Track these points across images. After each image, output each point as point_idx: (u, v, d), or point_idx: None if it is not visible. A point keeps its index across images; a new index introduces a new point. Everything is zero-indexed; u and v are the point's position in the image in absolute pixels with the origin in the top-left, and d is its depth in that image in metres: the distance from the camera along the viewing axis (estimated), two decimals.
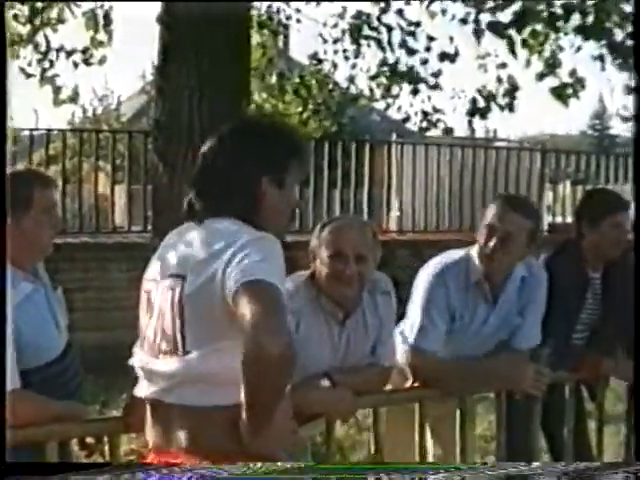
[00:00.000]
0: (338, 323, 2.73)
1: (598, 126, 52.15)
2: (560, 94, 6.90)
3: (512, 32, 6.63)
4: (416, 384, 3.01)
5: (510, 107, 7.29)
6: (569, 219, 10.10)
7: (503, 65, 7.18)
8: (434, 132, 8.68)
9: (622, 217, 3.48)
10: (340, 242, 2.64)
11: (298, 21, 8.13)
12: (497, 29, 6.56)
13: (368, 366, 2.80)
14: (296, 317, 2.60)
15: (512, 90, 7.23)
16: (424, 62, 7.47)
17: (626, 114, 7.42)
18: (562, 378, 3.36)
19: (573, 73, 6.92)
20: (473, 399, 3.27)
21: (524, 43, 6.73)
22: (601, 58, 6.53)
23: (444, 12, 7.17)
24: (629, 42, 6.47)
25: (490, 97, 7.26)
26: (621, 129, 49.29)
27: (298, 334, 2.58)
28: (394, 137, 10.54)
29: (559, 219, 10.91)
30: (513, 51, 6.66)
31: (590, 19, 6.37)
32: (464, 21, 6.98)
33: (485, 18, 6.74)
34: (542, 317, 3.18)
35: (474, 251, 3.07)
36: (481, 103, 7.29)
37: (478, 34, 6.77)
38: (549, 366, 3.17)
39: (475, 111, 7.33)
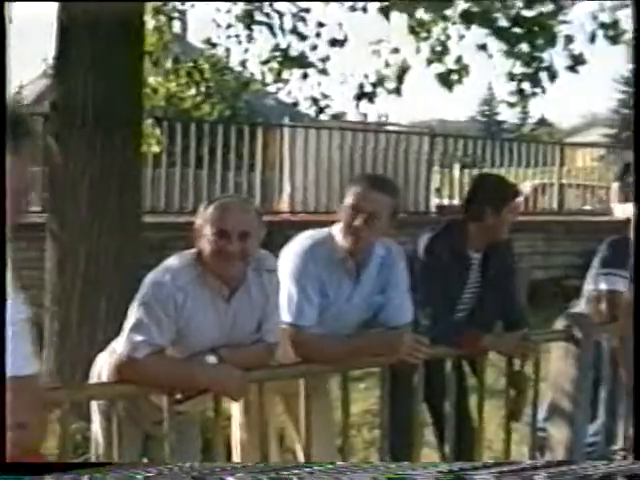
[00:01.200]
0: (224, 300, 2.86)
1: (487, 112, 54.56)
2: (445, 80, 7.47)
3: (400, 18, 7.20)
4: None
5: (397, 91, 7.84)
6: (457, 201, 10.94)
7: (396, 50, 7.70)
8: (325, 116, 9.30)
9: (517, 203, 3.90)
10: (223, 220, 2.76)
11: (192, 6, 8.57)
12: (386, 14, 7.06)
13: (254, 342, 2.94)
14: (182, 295, 2.73)
15: (400, 75, 7.75)
16: (314, 47, 7.99)
17: (511, 100, 8.00)
18: (443, 353, 3.58)
19: (459, 60, 7.50)
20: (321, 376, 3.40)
21: (412, 30, 7.29)
22: (484, 46, 7.13)
23: None
24: (515, 29, 7.10)
25: (377, 82, 7.80)
26: (507, 115, 51.80)
27: (184, 312, 2.74)
28: (287, 121, 11.23)
29: (447, 201, 11.79)
30: (400, 36, 7.23)
31: (474, 6, 6.97)
32: (353, 8, 7.53)
33: (374, 5, 7.27)
34: (408, 294, 3.36)
35: (337, 229, 3.21)
36: (368, 87, 7.84)
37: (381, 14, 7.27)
38: (431, 341, 3.34)
39: (362, 95, 7.86)
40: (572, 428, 3.94)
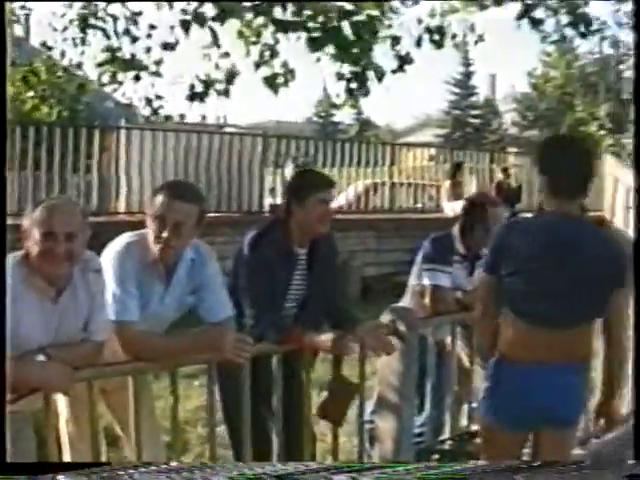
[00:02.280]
0: (50, 300, 2.95)
1: (322, 113, 55.56)
2: (272, 83, 7.73)
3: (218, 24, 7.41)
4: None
5: (226, 93, 8.06)
6: None
7: (226, 54, 7.89)
8: (160, 118, 9.42)
9: (326, 194, 3.85)
10: (50, 221, 2.85)
11: (26, 8, 8.49)
12: (202, 21, 7.26)
13: (81, 341, 3.04)
14: (11, 296, 2.78)
15: (229, 78, 7.97)
16: (147, 50, 8.09)
17: (338, 102, 8.27)
18: (270, 350, 3.65)
19: (284, 64, 7.76)
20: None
21: (240, 34, 7.50)
22: (315, 47, 7.37)
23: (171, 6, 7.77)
24: (347, 32, 7.35)
25: (208, 83, 7.98)
26: (342, 116, 53.01)
27: (13, 312, 2.78)
28: (123, 123, 11.57)
29: (280, 200, 12.05)
30: (216, 40, 7.44)
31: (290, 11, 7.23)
32: (184, 11, 7.65)
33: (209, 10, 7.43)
34: (223, 292, 3.46)
35: (149, 234, 3.31)
36: (199, 88, 8.01)
37: (186, 26, 7.41)
38: (257, 339, 3.46)
39: (194, 96, 8.04)
40: (399, 420, 4.12)
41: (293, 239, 3.90)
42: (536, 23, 7.31)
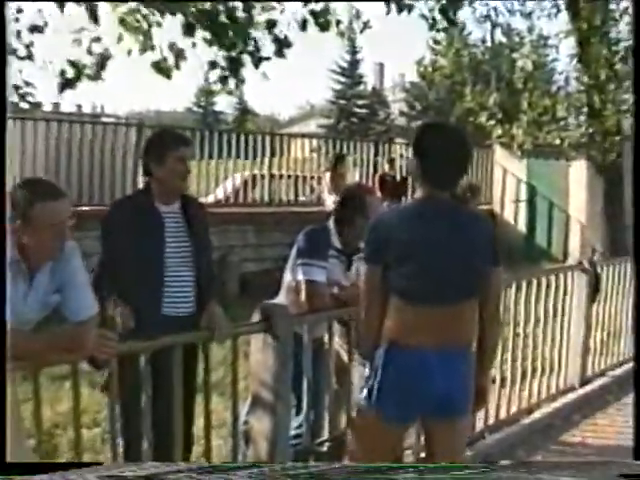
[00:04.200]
0: None
1: (202, 102, 55.16)
2: (160, 68, 7.64)
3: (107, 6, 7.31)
4: None
5: (97, 78, 7.92)
6: None
7: (97, 39, 7.78)
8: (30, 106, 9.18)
9: (184, 152, 4.21)
10: None
11: None
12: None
13: None
14: None
15: (101, 63, 7.83)
16: (17, 34, 7.83)
17: (216, 88, 8.19)
18: (138, 348, 3.73)
19: (173, 46, 7.68)
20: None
21: (122, 20, 7.41)
22: (191, 33, 7.35)
23: None
24: (221, 18, 7.36)
25: (80, 69, 7.83)
26: (222, 106, 52.81)
27: None
28: None
29: None
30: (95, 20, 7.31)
31: None
32: None
33: None
34: (87, 289, 3.51)
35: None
36: (70, 74, 7.84)
37: (62, 5, 7.27)
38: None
39: (65, 83, 7.85)
40: (274, 421, 4.18)
41: (154, 198, 4.19)
42: (403, 9, 7.49)
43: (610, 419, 6.52)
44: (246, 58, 7.45)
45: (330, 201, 11.89)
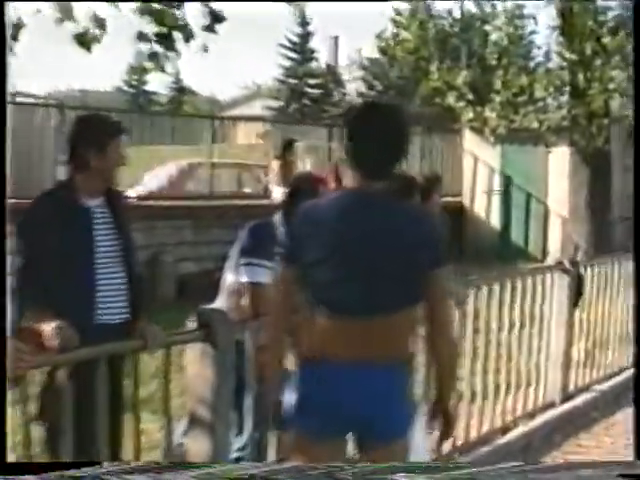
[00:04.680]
0: None
1: (134, 81, 54.90)
2: (82, 40, 7.60)
3: None
4: None
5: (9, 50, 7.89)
6: None
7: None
8: None
9: (121, 139, 4.28)
10: None
11: None
12: None
13: None
14: None
15: (14, 33, 7.76)
16: None
17: (148, 66, 8.13)
18: (59, 361, 3.74)
19: (94, 17, 7.64)
20: None
21: None
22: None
23: None
24: None
25: None
26: (155, 85, 52.63)
27: None
28: None
29: None
30: None
31: None
32: None
33: None
34: None
35: None
36: None
37: None
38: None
39: None
40: (213, 442, 4.17)
41: (79, 192, 4.18)
42: None
43: (596, 439, 6.60)
44: (179, 32, 7.41)
45: (278, 193, 11.90)
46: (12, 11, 7.73)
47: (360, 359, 3.31)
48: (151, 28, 7.28)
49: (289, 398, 3.47)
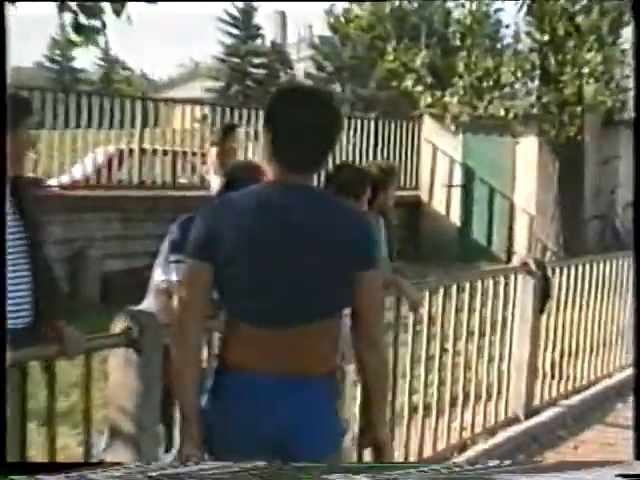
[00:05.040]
0: None
1: (57, 57, 54.42)
2: None
3: None
4: None
5: None
6: None
7: None
8: None
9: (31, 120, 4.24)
10: None
11: None
12: None
13: None
14: None
15: None
16: None
17: (77, 40, 8.06)
18: None
19: None
20: None
21: None
22: None
23: None
24: None
25: None
26: (82, 62, 52.28)
27: None
28: None
29: None
30: None
31: None
32: None
33: None
34: None
35: None
36: None
37: None
38: None
39: None
40: (137, 458, 4.09)
41: None
42: None
43: (563, 459, 6.53)
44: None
45: (216, 184, 11.86)
46: None
47: (283, 372, 3.26)
48: None
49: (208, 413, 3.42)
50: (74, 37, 7.73)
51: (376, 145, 17.23)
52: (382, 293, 3.58)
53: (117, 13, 7.11)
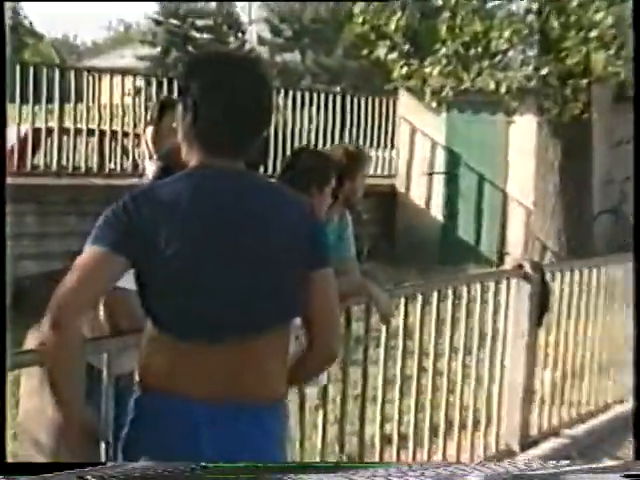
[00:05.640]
0: None
1: None
2: None
3: None
4: None
5: None
6: None
7: None
8: None
9: None
10: None
11: None
12: None
13: None
14: None
15: None
16: None
17: None
18: None
19: None
20: None
21: None
22: None
23: None
24: None
25: None
26: None
27: None
28: None
29: None
30: None
31: None
32: None
33: None
34: None
35: None
36: None
37: None
38: None
39: None
40: None
41: None
42: None
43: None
44: None
45: (152, 170, 11.84)
46: None
47: (221, 398, 3.25)
48: None
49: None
50: None
51: (343, 125, 17.28)
52: (337, 298, 3.52)
53: None
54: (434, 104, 17.30)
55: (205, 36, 47.00)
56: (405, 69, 16.74)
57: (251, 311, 3.26)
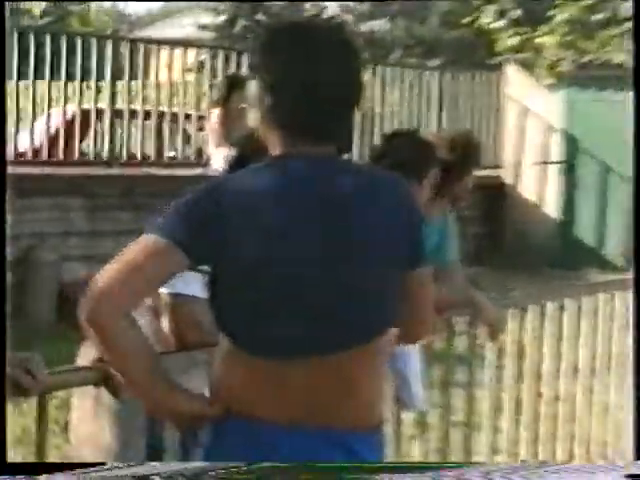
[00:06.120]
0: None
1: None
2: None
3: None
4: None
5: None
6: None
7: None
8: None
9: None
10: None
11: None
12: None
13: None
14: None
15: None
16: None
17: None
18: None
19: None
20: None
21: None
22: None
23: None
24: None
25: None
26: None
27: None
28: None
29: None
30: None
31: None
32: None
33: None
34: None
35: None
36: None
37: None
38: None
39: None
40: None
41: None
42: None
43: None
44: None
45: (219, 158, 11.91)
46: None
47: (321, 425, 3.26)
48: None
49: None
50: None
51: (441, 106, 17.24)
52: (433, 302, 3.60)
53: None
54: (549, 80, 17.18)
55: (276, 2, 47.16)
56: (515, 39, 16.63)
57: (349, 322, 3.26)
